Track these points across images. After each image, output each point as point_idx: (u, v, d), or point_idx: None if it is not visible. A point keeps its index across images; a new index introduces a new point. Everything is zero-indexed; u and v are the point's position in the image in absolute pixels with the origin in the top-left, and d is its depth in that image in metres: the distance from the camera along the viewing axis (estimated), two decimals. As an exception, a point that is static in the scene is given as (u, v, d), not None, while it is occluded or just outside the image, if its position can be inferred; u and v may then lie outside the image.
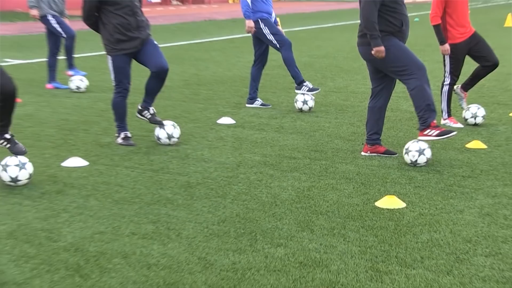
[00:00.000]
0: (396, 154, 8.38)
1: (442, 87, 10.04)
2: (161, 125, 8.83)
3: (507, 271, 5.02)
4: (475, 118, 9.93)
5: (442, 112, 10.11)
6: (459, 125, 9.92)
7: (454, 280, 4.86)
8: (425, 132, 7.97)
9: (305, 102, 9.60)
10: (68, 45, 13.27)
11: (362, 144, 8.52)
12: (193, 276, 4.95)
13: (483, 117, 10.00)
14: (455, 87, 10.20)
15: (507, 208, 6.43)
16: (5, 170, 7.01)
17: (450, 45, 9.72)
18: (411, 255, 5.33)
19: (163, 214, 6.28)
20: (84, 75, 13.15)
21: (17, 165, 7.03)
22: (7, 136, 7.17)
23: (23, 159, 7.11)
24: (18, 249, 5.46)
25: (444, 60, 9.90)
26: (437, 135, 7.90)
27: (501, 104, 11.45)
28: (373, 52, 7.79)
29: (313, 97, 11.01)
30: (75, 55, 13.76)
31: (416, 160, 7.85)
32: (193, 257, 5.30)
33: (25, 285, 4.82)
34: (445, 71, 9.94)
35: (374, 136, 8.35)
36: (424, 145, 7.89)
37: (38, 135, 9.24)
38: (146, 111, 9.01)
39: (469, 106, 10.09)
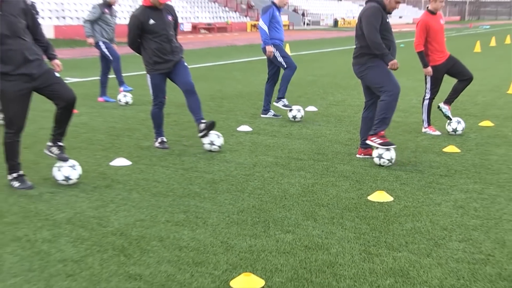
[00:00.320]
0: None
1: (423, 101, 10.01)
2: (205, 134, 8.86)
3: (476, 254, 5.00)
4: (456, 130, 9.88)
5: (423, 121, 10.08)
6: (437, 132, 9.88)
7: (433, 261, 4.84)
8: (372, 138, 7.97)
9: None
10: (115, 66, 13.32)
11: (357, 148, 8.48)
12: (217, 256, 4.94)
13: (463, 129, 9.94)
14: (440, 104, 10.16)
15: (477, 202, 6.40)
16: (59, 170, 7.02)
17: (432, 66, 9.70)
18: (397, 241, 5.30)
19: (192, 205, 6.27)
20: (130, 90, 13.19)
21: (70, 166, 7.05)
22: (60, 144, 7.15)
23: (74, 162, 7.13)
24: (74, 232, 5.48)
25: (425, 79, 9.88)
26: (379, 144, 7.87)
27: (472, 116, 11.43)
28: (389, 66, 7.85)
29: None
30: (123, 74, 13.81)
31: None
32: (216, 241, 5.28)
33: (81, 262, 4.84)
34: (426, 88, 9.93)
35: (364, 141, 8.31)
36: (381, 151, 7.92)
37: (91, 139, 9.26)
38: (202, 124, 8.88)
39: (452, 119, 10.02)
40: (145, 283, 4.47)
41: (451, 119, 10.02)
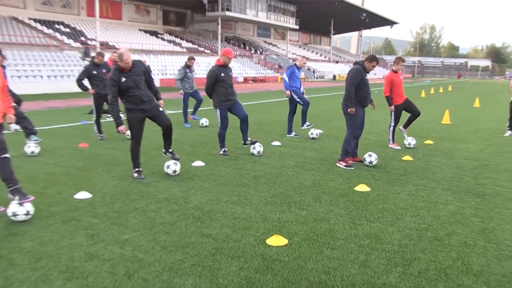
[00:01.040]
0: (363, 161, 8.24)
1: (390, 127, 9.99)
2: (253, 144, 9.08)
3: (422, 224, 4.99)
4: (410, 145, 9.84)
5: (389, 140, 10.02)
6: (398, 147, 9.81)
7: (395, 229, 4.85)
8: (339, 163, 7.94)
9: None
10: (196, 105, 13.49)
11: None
12: (257, 224, 4.99)
13: (415, 144, 9.87)
14: (399, 127, 10.14)
15: (423, 192, 6.36)
16: (169, 167, 7.14)
17: (394, 105, 9.69)
18: (372, 216, 5.30)
19: (242, 191, 6.32)
20: (198, 119, 13.31)
21: (175, 164, 7.19)
22: (170, 150, 7.36)
23: (177, 162, 7.26)
24: (170, 207, 5.57)
25: (391, 113, 9.83)
26: (344, 166, 7.83)
27: (420, 136, 11.29)
28: (348, 110, 7.75)
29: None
30: (200, 109, 13.97)
31: (371, 162, 8.00)
32: (257, 214, 5.33)
33: (173, 225, 4.92)
34: (391, 119, 9.89)
35: (354, 152, 8.29)
36: (369, 158, 7.99)
37: (180, 149, 9.36)
38: (247, 140, 9.13)
39: (408, 137, 10.02)
40: (213, 239, 4.55)
41: (405, 138, 10.06)
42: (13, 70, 28.14)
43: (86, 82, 10.34)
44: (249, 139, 9.16)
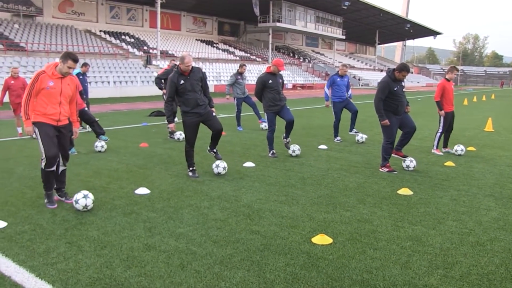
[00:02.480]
0: (407, 156, 8.03)
1: (436, 133, 9.63)
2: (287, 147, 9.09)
3: (463, 229, 4.79)
4: (462, 151, 9.45)
5: (434, 146, 9.64)
6: (441, 153, 9.45)
7: (436, 232, 4.66)
8: (381, 168, 7.72)
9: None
10: (255, 110, 13.55)
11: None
12: (304, 223, 4.94)
13: (462, 149, 9.49)
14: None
15: (464, 197, 6.10)
16: (218, 167, 7.18)
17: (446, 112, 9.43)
18: (414, 219, 5.14)
19: (289, 191, 6.28)
20: (264, 121, 13.34)
21: (222, 163, 7.21)
22: (215, 150, 7.40)
23: (223, 162, 7.28)
24: (222, 204, 5.60)
25: (440, 119, 9.50)
26: (387, 171, 7.59)
27: (461, 143, 10.79)
28: (382, 123, 7.53)
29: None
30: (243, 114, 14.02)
31: (408, 167, 7.80)
32: (304, 213, 5.28)
33: (225, 221, 4.94)
34: (439, 125, 9.52)
35: (398, 147, 8.06)
36: (409, 163, 7.80)
37: (232, 150, 9.44)
38: (285, 139, 9.13)
39: (458, 145, 9.61)
40: (261, 236, 4.53)
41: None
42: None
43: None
44: (289, 139, 9.21)
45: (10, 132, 11.92)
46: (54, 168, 5.45)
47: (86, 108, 9.88)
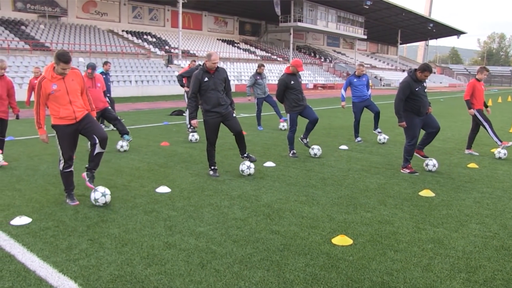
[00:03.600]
0: (428, 157, 7.94)
1: (487, 131, 9.35)
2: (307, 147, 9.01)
3: (487, 232, 4.68)
4: (504, 155, 9.15)
5: (496, 142, 9.33)
6: (510, 143, 9.34)
7: (459, 235, 4.58)
8: (403, 170, 7.61)
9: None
10: (276, 109, 13.54)
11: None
12: (324, 224, 4.90)
13: (505, 153, 9.20)
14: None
15: (488, 199, 5.97)
16: (250, 168, 7.12)
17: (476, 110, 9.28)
18: (436, 221, 5.06)
19: (310, 192, 6.25)
20: (285, 119, 13.32)
21: (251, 165, 7.17)
22: (245, 154, 7.28)
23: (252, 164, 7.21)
24: (241, 204, 5.59)
25: (477, 118, 9.30)
26: (408, 173, 7.50)
27: (486, 145, 10.61)
28: (399, 125, 7.41)
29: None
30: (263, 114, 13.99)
31: (427, 165, 7.75)
32: (324, 214, 5.25)
33: (245, 221, 4.94)
34: (482, 124, 9.28)
35: (420, 146, 7.92)
36: (428, 161, 7.75)
37: (252, 150, 9.41)
38: (305, 139, 9.09)
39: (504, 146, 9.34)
40: (281, 236, 4.51)
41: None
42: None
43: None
44: (308, 139, 9.17)
45: (35, 130, 12.14)
46: (72, 168, 5.55)
47: (110, 107, 10.00)
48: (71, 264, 3.80)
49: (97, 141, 5.44)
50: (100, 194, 5.35)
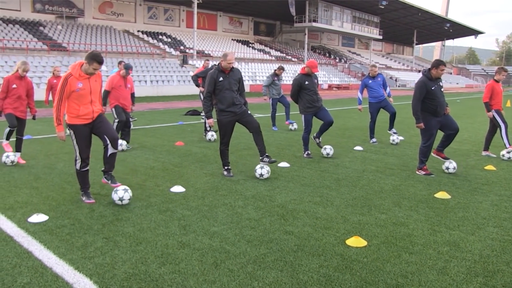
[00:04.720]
0: (448, 159, 7.81)
1: (501, 132, 9.26)
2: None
3: (505, 236, 4.60)
4: (508, 159, 9.07)
5: (505, 144, 9.25)
6: (494, 155, 9.26)
7: (476, 238, 4.51)
8: (418, 171, 7.54)
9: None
10: (286, 110, 13.52)
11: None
12: (338, 225, 4.88)
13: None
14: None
15: (506, 202, 5.89)
16: (269, 172, 7.01)
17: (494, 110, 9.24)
18: (452, 223, 4.99)
19: (324, 193, 6.22)
20: (293, 122, 13.32)
21: (265, 167, 7.16)
22: (266, 154, 7.11)
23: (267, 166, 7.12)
24: (256, 204, 5.59)
25: (495, 119, 9.24)
26: (424, 174, 7.43)
27: (503, 147, 10.41)
28: (416, 126, 7.36)
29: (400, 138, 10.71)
30: (290, 113, 13.99)
31: (448, 169, 7.65)
32: (338, 215, 5.22)
33: (259, 221, 4.93)
34: (499, 124, 9.23)
35: (440, 148, 7.81)
36: (448, 164, 7.64)
37: (268, 150, 9.30)
38: (317, 139, 9.09)
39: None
40: (295, 237, 4.50)
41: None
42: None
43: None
44: (320, 139, 9.17)
45: (52, 129, 12.28)
46: (88, 167, 5.60)
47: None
48: (87, 261, 3.84)
49: (108, 142, 5.50)
50: (123, 191, 5.40)
